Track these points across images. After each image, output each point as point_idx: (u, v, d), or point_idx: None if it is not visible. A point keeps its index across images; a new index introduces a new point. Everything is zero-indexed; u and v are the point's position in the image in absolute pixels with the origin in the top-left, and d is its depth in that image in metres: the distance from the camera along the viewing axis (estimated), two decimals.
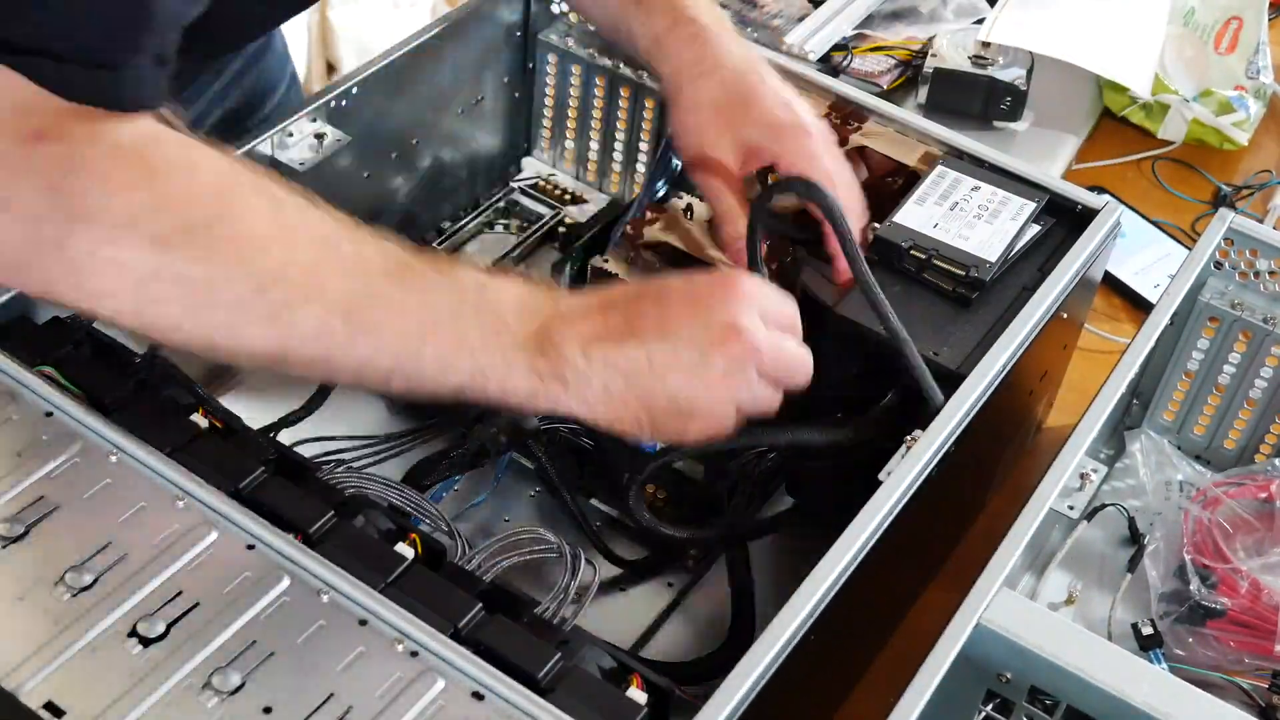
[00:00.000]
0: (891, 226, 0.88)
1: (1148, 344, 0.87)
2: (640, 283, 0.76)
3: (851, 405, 0.86)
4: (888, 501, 0.73)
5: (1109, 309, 1.18)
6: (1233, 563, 0.88)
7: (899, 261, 0.87)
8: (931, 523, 0.86)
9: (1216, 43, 1.36)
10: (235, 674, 0.61)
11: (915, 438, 0.77)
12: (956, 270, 0.86)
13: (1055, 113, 1.34)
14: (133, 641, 0.62)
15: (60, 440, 0.69)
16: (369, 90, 0.98)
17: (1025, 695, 0.70)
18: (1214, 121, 1.33)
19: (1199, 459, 1.00)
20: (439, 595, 0.66)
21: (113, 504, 0.67)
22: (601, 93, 1.10)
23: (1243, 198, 1.29)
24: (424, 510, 0.78)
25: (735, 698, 0.63)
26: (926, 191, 0.91)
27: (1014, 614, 0.68)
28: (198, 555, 0.65)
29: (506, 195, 1.15)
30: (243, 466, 0.70)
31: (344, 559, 0.66)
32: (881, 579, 0.79)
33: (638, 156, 1.12)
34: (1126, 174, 1.32)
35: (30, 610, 0.62)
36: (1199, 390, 0.98)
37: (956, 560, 0.95)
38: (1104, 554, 0.93)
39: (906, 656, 0.67)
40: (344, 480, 0.76)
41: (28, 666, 0.60)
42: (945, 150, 0.96)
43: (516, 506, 0.90)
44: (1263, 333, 0.93)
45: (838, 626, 0.72)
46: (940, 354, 0.83)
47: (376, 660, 0.62)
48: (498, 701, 0.61)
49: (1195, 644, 0.85)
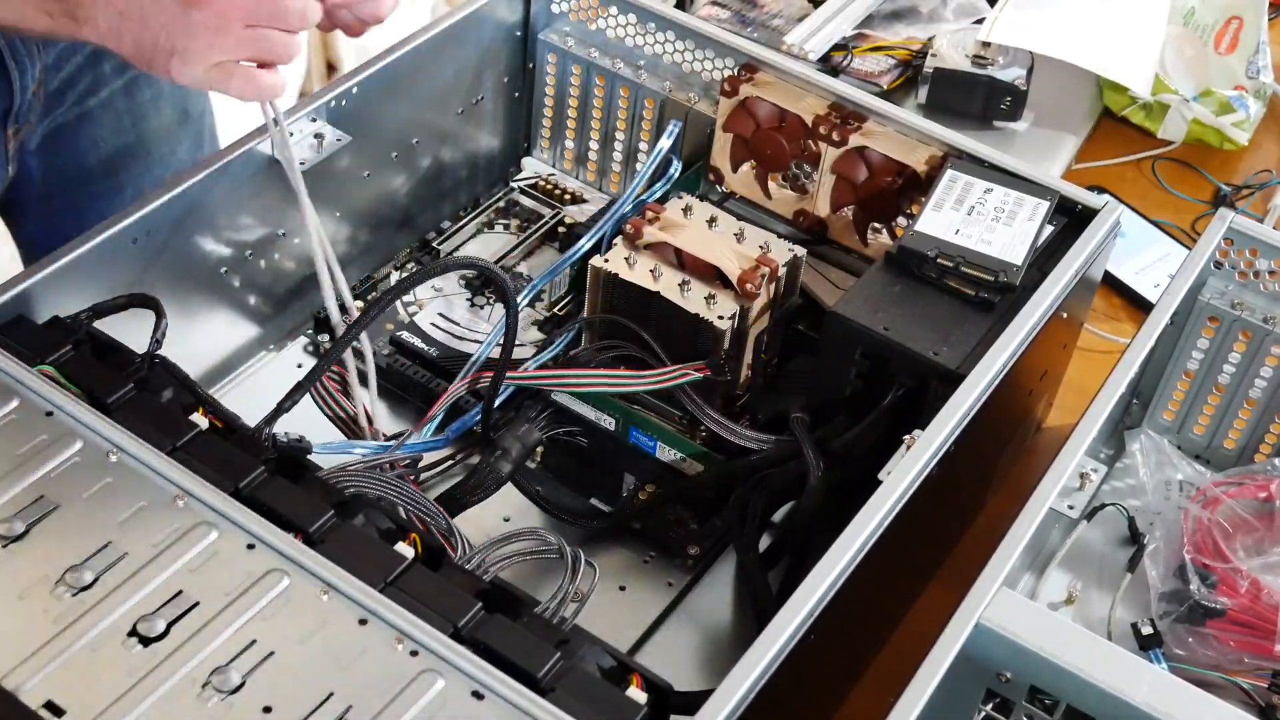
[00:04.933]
0: (915, 235, 0.88)
1: (1148, 344, 0.87)
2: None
3: (851, 405, 0.87)
4: (887, 501, 0.73)
5: (1109, 309, 1.18)
6: (1233, 562, 0.88)
7: (919, 268, 0.87)
8: (931, 522, 0.87)
9: (1217, 42, 1.36)
10: (235, 674, 0.61)
11: (915, 437, 0.77)
12: (985, 276, 0.86)
13: (1055, 113, 1.34)
14: (133, 641, 0.62)
15: (60, 440, 0.69)
16: (369, 90, 0.98)
17: (1025, 695, 0.70)
18: (1214, 121, 1.33)
19: (1199, 459, 1.00)
20: (439, 595, 0.66)
21: (113, 504, 0.67)
22: (601, 93, 1.10)
23: (1243, 197, 1.29)
24: (424, 510, 0.78)
25: (735, 697, 0.63)
26: (942, 197, 0.91)
27: (1014, 614, 0.68)
28: (198, 555, 0.65)
29: (506, 195, 1.15)
30: (243, 466, 0.70)
31: (344, 559, 0.66)
32: (881, 579, 0.79)
33: (637, 156, 1.12)
34: (1126, 174, 1.32)
35: (30, 610, 0.62)
36: (1199, 390, 0.98)
37: (956, 560, 0.95)
38: (1104, 554, 0.93)
39: (906, 656, 0.67)
40: (344, 480, 0.76)
41: (28, 666, 0.60)
42: (945, 150, 0.96)
43: (516, 506, 0.90)
44: (1263, 332, 0.93)
45: (838, 626, 0.72)
46: (940, 354, 0.83)
47: (376, 660, 0.62)
48: (498, 701, 0.61)
49: (1195, 644, 0.85)
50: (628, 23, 1.08)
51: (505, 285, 0.84)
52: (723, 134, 1.03)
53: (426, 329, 1.00)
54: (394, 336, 0.99)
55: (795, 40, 1.32)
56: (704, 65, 1.05)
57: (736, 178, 1.05)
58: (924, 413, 0.82)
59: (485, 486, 0.85)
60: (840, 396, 0.87)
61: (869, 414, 0.84)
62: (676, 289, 0.87)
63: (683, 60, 1.06)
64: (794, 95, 1.00)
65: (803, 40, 1.32)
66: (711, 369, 0.85)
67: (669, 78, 1.07)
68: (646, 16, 1.06)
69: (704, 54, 1.05)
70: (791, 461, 0.84)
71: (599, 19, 1.09)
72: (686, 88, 1.07)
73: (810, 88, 1.00)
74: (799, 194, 1.04)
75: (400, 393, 0.98)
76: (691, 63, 1.06)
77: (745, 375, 0.91)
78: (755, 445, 0.86)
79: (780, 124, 1.01)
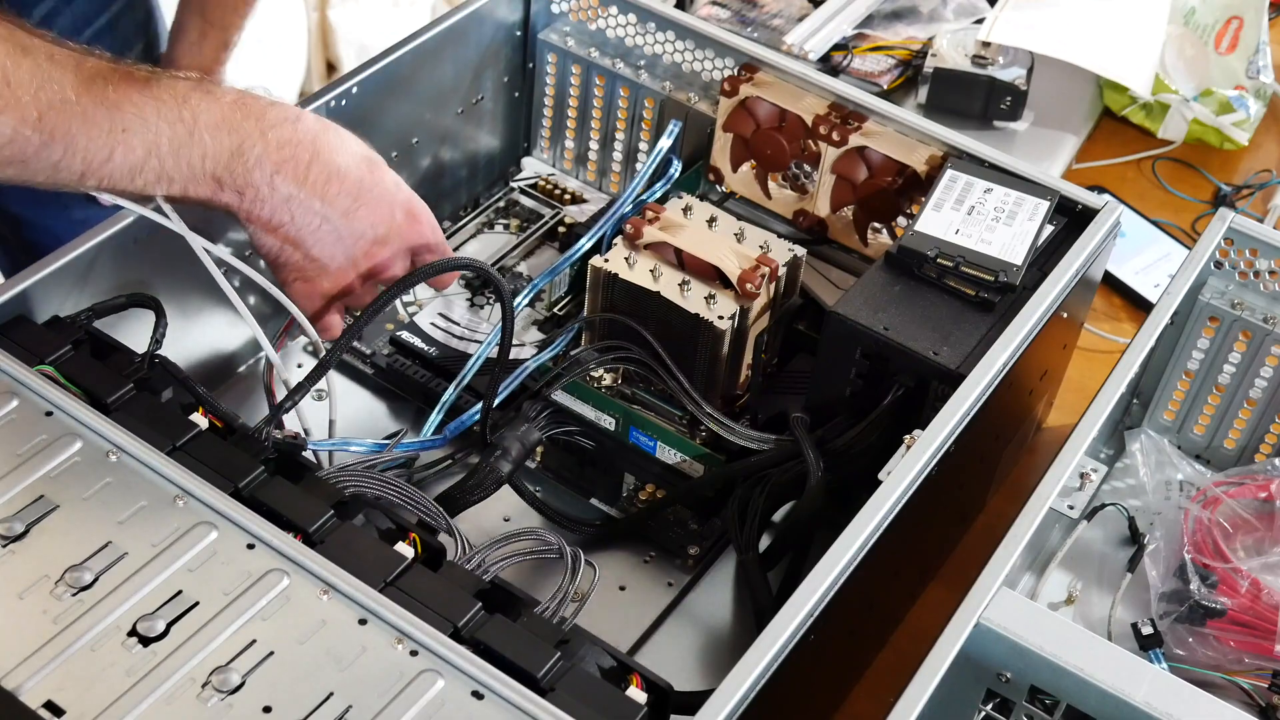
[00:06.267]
0: (915, 235, 0.88)
1: (1148, 344, 0.87)
2: (359, 157, 0.81)
3: (851, 405, 0.87)
4: (887, 501, 0.73)
5: (1109, 309, 1.18)
6: (1233, 562, 0.88)
7: (919, 268, 0.87)
8: (931, 522, 0.87)
9: (1217, 42, 1.36)
10: (235, 674, 0.61)
11: (915, 437, 0.77)
12: (985, 276, 0.86)
13: (1055, 113, 1.34)
14: (133, 641, 0.62)
15: (60, 440, 0.69)
16: (369, 90, 0.98)
17: (1025, 695, 0.70)
18: (1214, 121, 1.33)
19: (1199, 459, 1.00)
20: (439, 595, 0.66)
21: (113, 504, 0.67)
22: (601, 92, 1.10)
23: (1243, 197, 1.29)
24: (425, 509, 0.78)
25: (735, 697, 0.63)
26: (941, 197, 0.91)
27: (1014, 614, 0.68)
28: (198, 555, 0.65)
29: (506, 195, 1.15)
30: (242, 466, 0.70)
31: (344, 559, 0.66)
32: (881, 579, 0.79)
33: (637, 156, 1.12)
34: (1126, 174, 1.32)
35: (30, 610, 0.62)
36: (1199, 390, 0.98)
37: (956, 560, 0.95)
38: (1104, 554, 0.93)
39: (906, 656, 0.67)
40: (344, 480, 0.76)
41: (27, 666, 0.60)
42: (945, 150, 0.96)
43: (516, 507, 0.90)
44: (1263, 332, 0.93)
45: (838, 626, 0.72)
46: (940, 354, 0.83)
47: (376, 660, 0.62)
48: (498, 701, 0.61)
49: (1195, 644, 0.85)
50: (628, 22, 1.08)
51: (501, 285, 0.84)
52: (723, 134, 1.03)
53: (426, 329, 1.00)
54: (394, 336, 0.99)
55: (795, 40, 1.32)
56: (704, 65, 1.05)
57: (736, 178, 1.05)
58: (924, 413, 0.82)
59: (485, 486, 0.85)
60: (840, 396, 0.87)
61: (869, 414, 0.84)
62: (676, 289, 0.87)
63: (683, 60, 1.06)
64: (794, 95, 1.00)
65: (803, 40, 1.32)
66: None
67: (669, 78, 1.07)
68: (646, 16, 1.06)
69: (704, 54, 1.05)
70: (791, 461, 0.84)
71: (599, 19, 1.09)
72: (686, 88, 1.07)
73: (810, 88, 1.00)
74: (799, 194, 1.04)
75: (400, 393, 0.98)
76: (691, 63, 1.06)
77: (745, 375, 0.91)
78: (755, 445, 0.86)
79: (780, 124, 1.01)
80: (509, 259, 1.08)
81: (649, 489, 0.91)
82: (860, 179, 0.98)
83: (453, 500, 0.84)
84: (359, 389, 0.98)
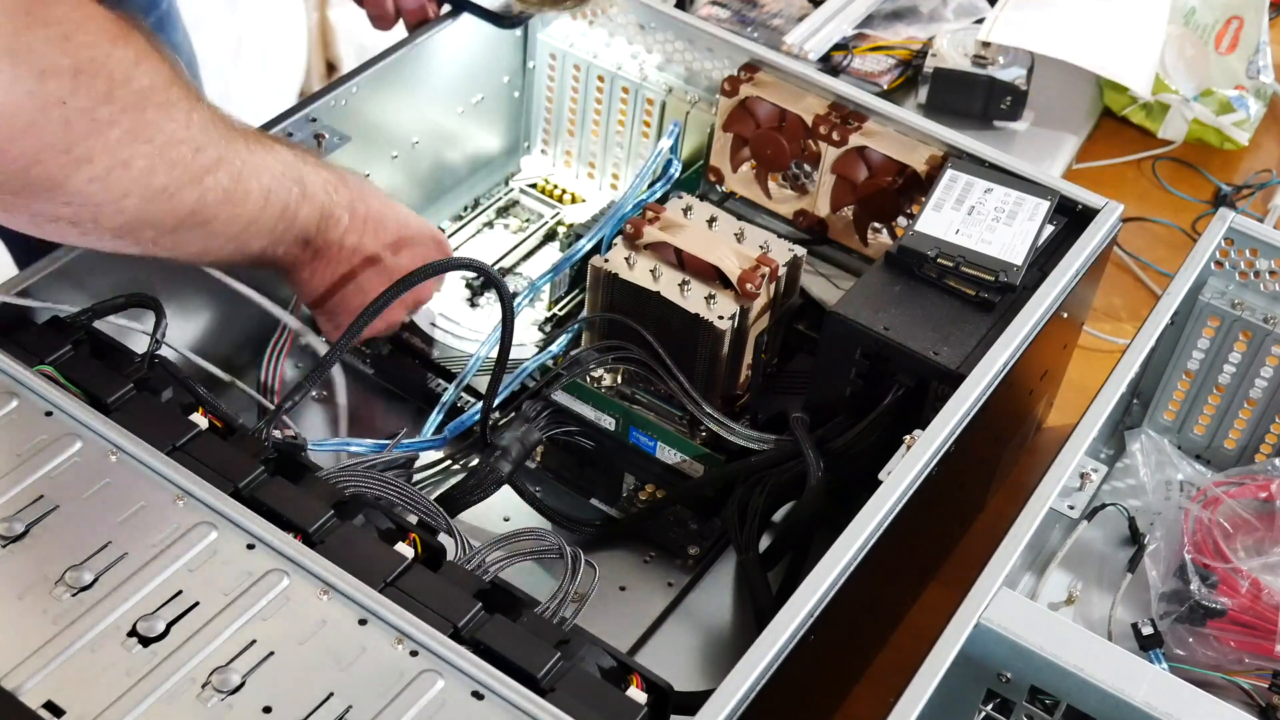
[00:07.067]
0: (915, 235, 0.88)
1: (1148, 344, 0.87)
2: (380, 198, 0.86)
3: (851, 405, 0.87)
4: (887, 501, 0.73)
5: (1109, 309, 1.18)
6: (1233, 562, 0.88)
7: (920, 268, 0.87)
8: (931, 522, 0.87)
9: (1217, 42, 1.36)
10: (235, 674, 0.61)
11: (915, 437, 0.77)
12: (985, 276, 0.86)
13: (1055, 113, 1.34)
14: (133, 641, 0.62)
15: (60, 440, 0.69)
16: (369, 90, 0.98)
17: (1025, 695, 0.70)
18: (1214, 121, 1.33)
19: (1199, 459, 1.00)
20: (439, 595, 0.66)
21: (113, 504, 0.67)
22: (601, 93, 1.10)
23: (1243, 197, 1.29)
24: (425, 509, 0.78)
25: (735, 697, 0.63)
26: (942, 197, 0.91)
27: (1014, 614, 0.68)
28: (198, 555, 0.65)
29: (506, 195, 1.15)
30: (243, 466, 0.70)
31: (344, 559, 0.66)
32: (881, 579, 0.79)
33: (637, 157, 1.12)
34: (1126, 174, 1.32)
35: (30, 610, 0.62)
36: (1199, 390, 0.98)
37: (956, 560, 0.95)
38: (1104, 554, 0.93)
39: (906, 656, 0.67)
40: (343, 480, 0.76)
41: (27, 666, 0.60)
42: (946, 150, 0.96)
43: (516, 507, 0.90)
44: (1263, 332, 0.93)
45: (838, 626, 0.72)
46: (940, 354, 0.83)
47: (376, 660, 0.62)
48: (498, 701, 0.61)
49: (1195, 644, 0.85)
50: (628, 23, 1.08)
51: (501, 285, 0.84)
52: (723, 134, 1.03)
53: (426, 329, 1.00)
54: (394, 336, 0.99)
55: (795, 40, 1.32)
56: (704, 65, 1.05)
57: (736, 178, 1.05)
58: (924, 413, 0.82)
59: (485, 486, 0.85)
60: (840, 396, 0.87)
61: (869, 414, 0.84)
62: (676, 289, 0.87)
63: (682, 60, 1.06)
64: (794, 95, 1.00)
65: (803, 40, 1.32)
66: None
67: (669, 78, 1.07)
68: (646, 16, 1.06)
69: (704, 54, 1.05)
70: (791, 461, 0.84)
71: (599, 19, 1.09)
72: (686, 88, 1.07)
73: (810, 88, 1.00)
74: (799, 194, 1.04)
75: (400, 393, 0.98)
76: (691, 63, 1.06)
77: (745, 375, 0.91)
78: (755, 445, 0.86)
79: (780, 124, 1.01)
80: (509, 259, 1.08)
81: (649, 489, 0.91)
82: (860, 179, 0.98)
83: (453, 500, 0.84)
84: (359, 389, 0.98)
